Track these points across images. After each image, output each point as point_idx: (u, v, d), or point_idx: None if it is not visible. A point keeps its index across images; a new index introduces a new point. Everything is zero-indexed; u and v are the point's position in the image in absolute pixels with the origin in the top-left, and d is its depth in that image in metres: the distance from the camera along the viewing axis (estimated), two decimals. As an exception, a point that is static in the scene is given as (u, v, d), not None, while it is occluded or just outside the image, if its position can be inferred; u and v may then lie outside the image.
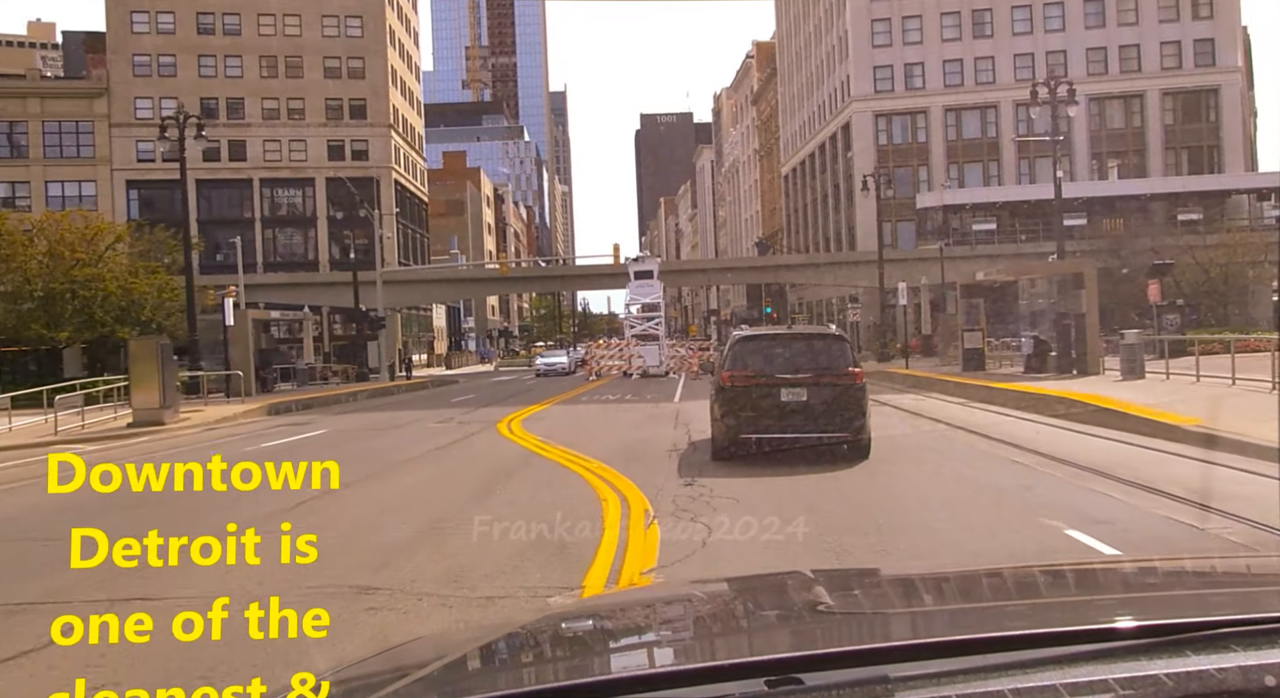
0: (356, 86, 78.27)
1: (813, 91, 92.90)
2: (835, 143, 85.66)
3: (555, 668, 2.06)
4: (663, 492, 10.53)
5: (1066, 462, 12.25)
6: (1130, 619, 1.68)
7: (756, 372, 13.41)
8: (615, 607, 2.82)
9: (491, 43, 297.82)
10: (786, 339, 14.49)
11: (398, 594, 6.50)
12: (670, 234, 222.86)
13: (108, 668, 4.70)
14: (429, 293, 77.59)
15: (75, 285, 38.59)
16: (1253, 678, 1.44)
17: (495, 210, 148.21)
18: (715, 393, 14.06)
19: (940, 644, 1.62)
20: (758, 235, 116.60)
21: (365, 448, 16.89)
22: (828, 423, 13.13)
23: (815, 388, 13.18)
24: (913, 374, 32.33)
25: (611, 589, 6.47)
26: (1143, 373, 22.56)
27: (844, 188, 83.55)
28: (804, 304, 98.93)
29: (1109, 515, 8.70)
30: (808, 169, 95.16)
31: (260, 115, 77.09)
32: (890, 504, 9.87)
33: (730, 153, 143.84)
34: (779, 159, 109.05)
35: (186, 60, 75.90)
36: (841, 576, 3.06)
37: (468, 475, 12.90)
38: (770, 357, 13.71)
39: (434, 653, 2.21)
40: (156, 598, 5.88)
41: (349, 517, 9.34)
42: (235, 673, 4.51)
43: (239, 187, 76.83)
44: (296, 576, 6.03)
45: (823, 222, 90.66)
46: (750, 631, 2.28)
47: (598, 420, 21.38)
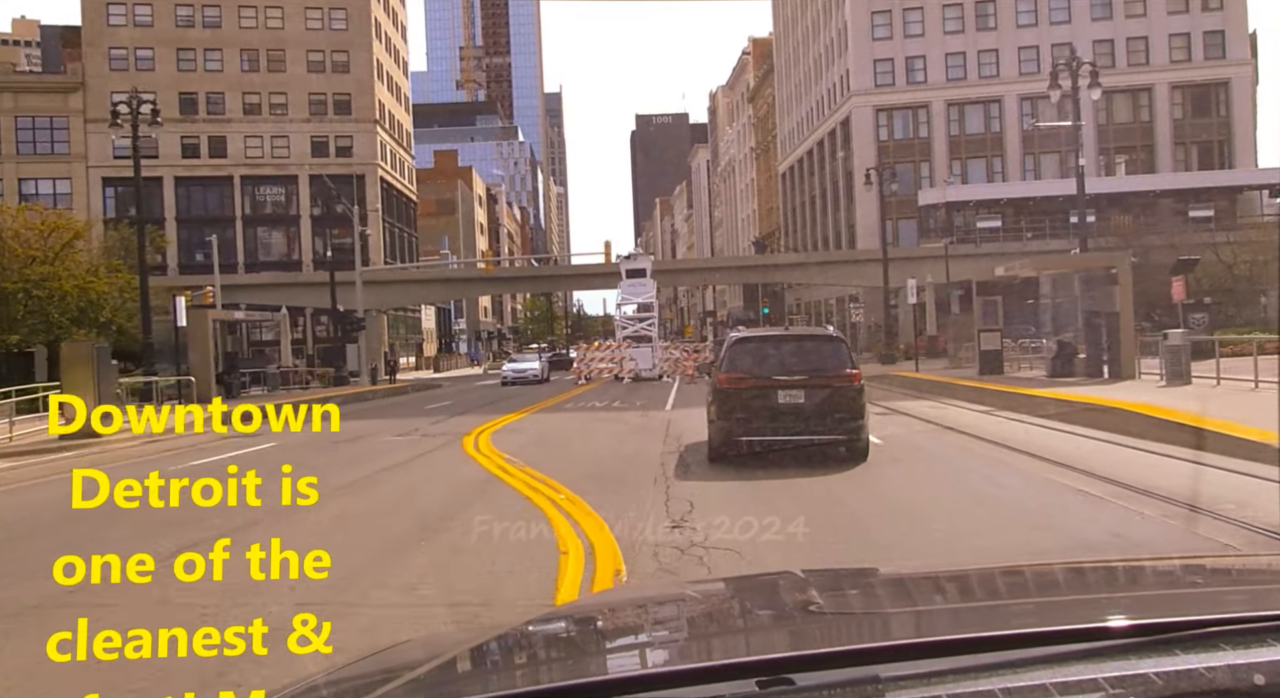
0: (341, 81, 75.85)
1: (810, 87, 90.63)
2: (834, 139, 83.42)
3: (546, 669, 2.07)
4: (642, 539, 8.16)
5: (1157, 495, 9.81)
6: (1120, 619, 1.68)
7: (753, 373, 13.19)
8: (606, 608, 2.76)
9: (486, 43, 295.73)
10: (783, 340, 14.40)
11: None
12: (666, 235, 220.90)
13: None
14: (414, 293, 75.19)
15: (29, 285, 36.17)
16: (1242, 677, 1.44)
17: (488, 211, 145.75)
18: (711, 395, 13.81)
19: (931, 644, 1.62)
20: (754, 235, 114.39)
21: (304, 468, 14.46)
22: (825, 425, 12.93)
23: (812, 390, 12.96)
24: (924, 378, 29.98)
25: (608, 590, 6.05)
26: (1189, 377, 20.17)
27: (843, 185, 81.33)
28: (801, 305, 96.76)
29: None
30: (805, 167, 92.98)
31: (241, 110, 74.66)
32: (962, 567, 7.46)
33: (726, 151, 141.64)
34: (776, 157, 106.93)
35: (165, 54, 73.42)
36: (833, 576, 2.97)
37: (402, 512, 10.50)
38: (767, 358, 13.50)
39: (425, 655, 2.16)
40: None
41: (207, 592, 6.90)
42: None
43: (220, 184, 74.39)
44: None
45: (821, 220, 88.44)
46: (741, 631, 2.28)
47: (578, 433, 18.98)
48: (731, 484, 11.34)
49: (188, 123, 73.62)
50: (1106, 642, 1.55)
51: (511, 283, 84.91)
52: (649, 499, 10.40)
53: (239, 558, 3.62)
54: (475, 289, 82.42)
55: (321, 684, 2.00)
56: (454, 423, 22.02)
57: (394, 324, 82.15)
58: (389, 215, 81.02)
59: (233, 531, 8.49)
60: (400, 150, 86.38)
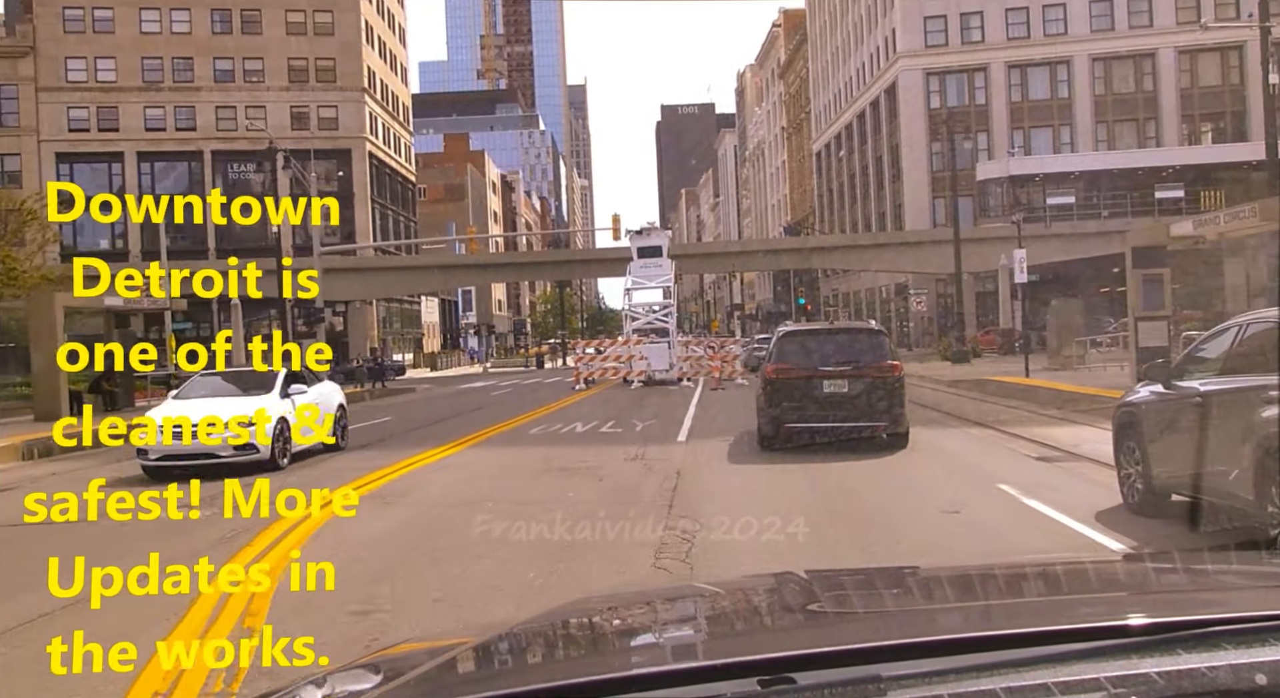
0: (324, 44, 67.56)
1: (850, 54, 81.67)
2: (876, 111, 74.55)
3: (547, 668, 2.05)
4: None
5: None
6: (1122, 618, 1.69)
7: (799, 365, 14.14)
8: (608, 607, 2.71)
9: (507, 31, 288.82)
10: (827, 334, 15.90)
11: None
12: (691, 225, 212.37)
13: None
14: (408, 282, 66.77)
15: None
16: (1243, 676, 1.44)
17: (504, 199, 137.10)
18: (761, 386, 14.82)
19: (933, 643, 1.61)
20: (785, 222, 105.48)
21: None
22: (868, 413, 13.75)
23: (855, 380, 13.82)
24: (1047, 387, 21.23)
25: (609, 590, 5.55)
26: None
27: (888, 160, 72.46)
28: (838, 296, 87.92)
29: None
30: (843, 143, 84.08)
31: (212, 77, 66.52)
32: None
33: (755, 134, 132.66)
34: (809, 135, 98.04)
35: (126, 14, 65.33)
36: (834, 575, 2.95)
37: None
38: (812, 351, 14.46)
39: (427, 653, 2.17)
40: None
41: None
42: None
43: (188, 160, 66.32)
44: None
45: (861, 202, 79.62)
46: (743, 630, 2.26)
47: (503, 507, 10.22)
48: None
49: (152, 91, 65.68)
50: (1108, 641, 1.54)
51: (518, 270, 75.43)
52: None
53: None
54: (476, 276, 73.46)
55: (322, 684, 1.98)
56: (312, 477, 13.33)
57: (386, 318, 73.93)
58: (381, 197, 72.78)
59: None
60: (395, 125, 78.02)
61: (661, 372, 34.57)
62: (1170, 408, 8.25)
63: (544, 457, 14.32)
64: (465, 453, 15.34)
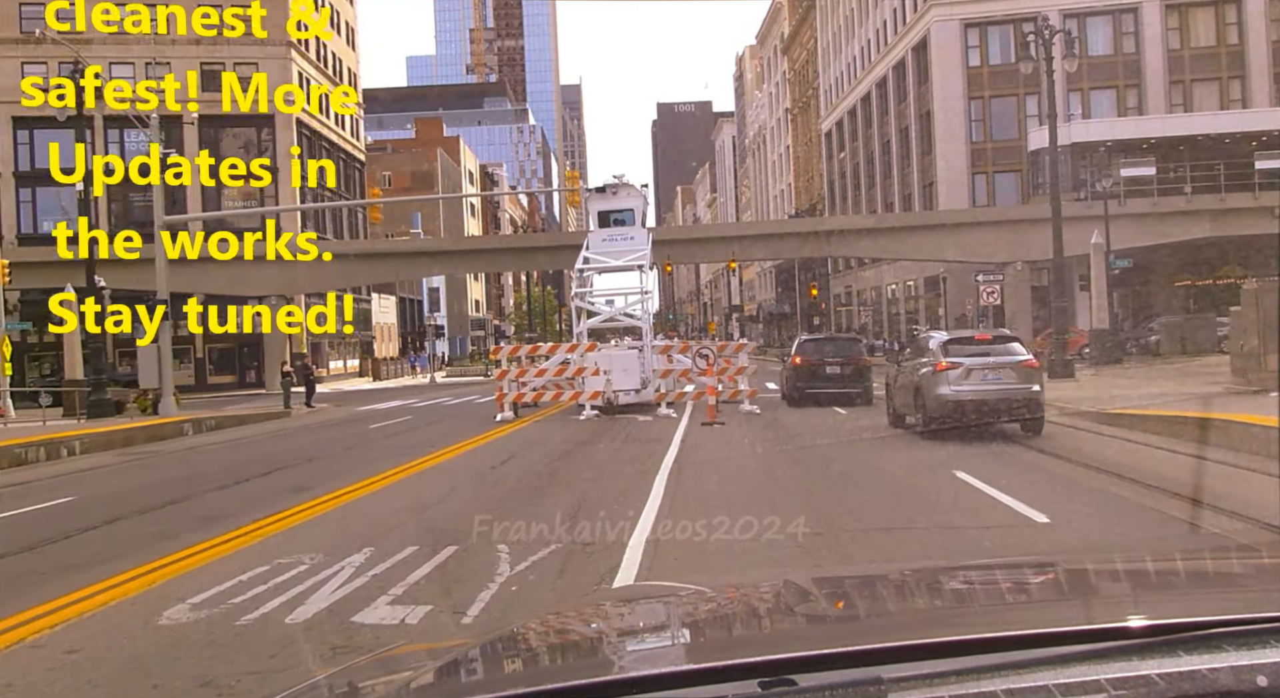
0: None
1: (868, 13, 70.38)
2: (901, 75, 63.37)
3: (548, 669, 2.06)
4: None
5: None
6: (1123, 619, 1.69)
7: (811, 356, 24.85)
8: (609, 609, 2.74)
9: (498, 24, 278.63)
10: (827, 339, 29.10)
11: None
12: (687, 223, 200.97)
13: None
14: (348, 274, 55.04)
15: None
16: (1244, 678, 1.44)
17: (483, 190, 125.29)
18: (785, 371, 25.85)
19: (933, 645, 1.61)
20: (791, 211, 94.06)
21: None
22: (850, 383, 24.17)
23: (844, 365, 24.49)
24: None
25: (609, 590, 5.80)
26: None
27: (915, 131, 61.21)
28: (851, 293, 76.57)
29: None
30: (859, 118, 72.91)
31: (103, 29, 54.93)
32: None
33: (755, 120, 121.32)
34: (817, 115, 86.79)
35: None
36: (835, 578, 3.00)
37: None
38: (819, 349, 25.54)
39: (427, 654, 2.18)
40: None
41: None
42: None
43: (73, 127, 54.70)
44: None
45: (882, 183, 68.44)
46: (744, 632, 2.26)
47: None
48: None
49: (30, 44, 54.25)
50: (1109, 643, 1.54)
51: (476, 258, 62.37)
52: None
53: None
54: (425, 267, 61.00)
55: (323, 685, 1.99)
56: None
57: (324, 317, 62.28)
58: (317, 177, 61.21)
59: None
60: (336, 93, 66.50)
61: (629, 392, 23.13)
62: (899, 374, 18.39)
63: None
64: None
